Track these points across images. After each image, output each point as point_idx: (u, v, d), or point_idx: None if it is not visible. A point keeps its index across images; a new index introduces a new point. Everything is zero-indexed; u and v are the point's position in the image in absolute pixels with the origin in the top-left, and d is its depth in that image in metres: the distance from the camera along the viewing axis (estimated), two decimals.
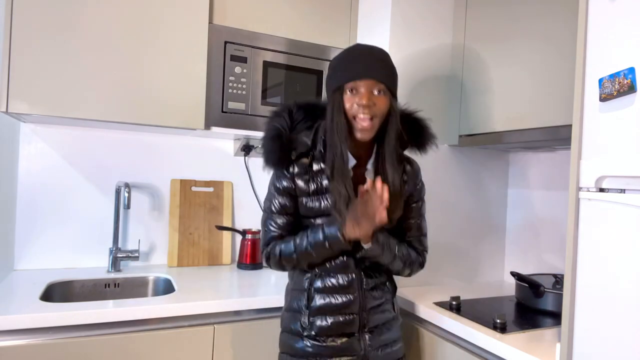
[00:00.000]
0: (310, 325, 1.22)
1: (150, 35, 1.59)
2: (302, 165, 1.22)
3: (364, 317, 1.24)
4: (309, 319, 1.23)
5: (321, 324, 1.22)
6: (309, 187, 1.21)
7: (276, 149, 1.19)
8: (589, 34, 1.00)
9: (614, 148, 0.93)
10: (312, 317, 1.23)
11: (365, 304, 1.24)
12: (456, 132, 1.76)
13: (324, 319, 1.22)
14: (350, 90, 1.14)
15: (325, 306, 1.22)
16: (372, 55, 1.16)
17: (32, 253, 1.75)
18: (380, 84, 1.14)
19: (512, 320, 1.38)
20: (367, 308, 1.24)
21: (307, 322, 1.23)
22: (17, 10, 1.42)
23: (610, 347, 0.92)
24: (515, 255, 1.93)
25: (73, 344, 1.25)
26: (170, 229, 1.93)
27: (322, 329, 1.21)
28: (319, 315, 1.22)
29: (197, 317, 1.41)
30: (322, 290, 1.23)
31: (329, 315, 1.22)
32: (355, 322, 1.23)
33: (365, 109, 1.12)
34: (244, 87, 1.73)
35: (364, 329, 1.24)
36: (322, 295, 1.23)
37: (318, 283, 1.23)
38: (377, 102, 1.14)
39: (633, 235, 0.89)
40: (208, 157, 2.04)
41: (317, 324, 1.22)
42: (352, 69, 1.14)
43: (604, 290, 0.94)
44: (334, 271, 1.23)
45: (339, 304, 1.22)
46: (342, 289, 1.23)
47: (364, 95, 1.12)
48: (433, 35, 1.78)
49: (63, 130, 1.79)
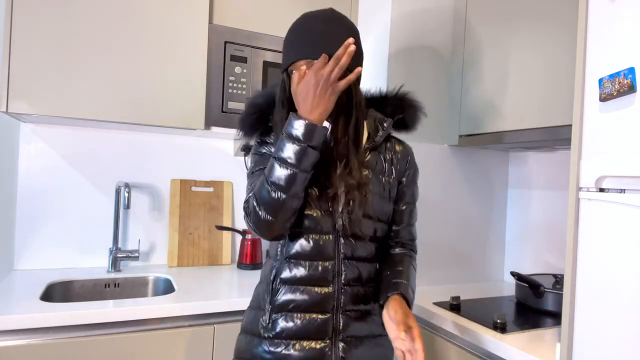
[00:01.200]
0: (272, 324, 1.04)
1: (151, 35, 1.59)
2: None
3: (338, 319, 1.04)
4: (270, 317, 1.04)
5: (285, 324, 1.03)
6: None
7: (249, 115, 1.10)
8: (589, 34, 1.00)
9: (614, 148, 0.93)
10: (274, 315, 1.04)
11: (343, 303, 1.04)
12: (456, 132, 1.76)
13: (288, 318, 1.03)
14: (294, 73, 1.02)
15: (291, 301, 1.03)
16: (318, 29, 1.01)
17: (32, 253, 1.75)
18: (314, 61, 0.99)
19: (512, 320, 1.38)
20: (344, 309, 1.05)
21: (268, 320, 1.04)
22: (17, 10, 1.42)
23: (610, 347, 0.92)
24: (515, 255, 1.93)
25: (73, 344, 1.25)
26: (170, 229, 1.93)
27: (284, 330, 1.03)
28: (283, 312, 1.03)
29: (197, 317, 1.41)
30: (289, 282, 1.04)
31: (295, 313, 1.03)
32: (327, 324, 1.03)
33: None
34: (244, 87, 1.73)
35: (337, 336, 1.04)
36: (288, 287, 1.04)
37: (285, 272, 1.05)
38: None
39: (633, 235, 0.89)
40: (208, 157, 2.04)
41: (279, 323, 1.03)
42: (294, 48, 1.03)
43: (604, 290, 0.94)
44: (305, 257, 1.04)
45: (308, 300, 1.03)
46: (314, 280, 1.04)
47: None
48: (433, 36, 1.78)
49: (63, 130, 1.79)
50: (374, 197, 1.08)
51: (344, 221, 1.05)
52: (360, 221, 1.06)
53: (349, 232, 1.06)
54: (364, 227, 1.07)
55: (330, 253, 1.05)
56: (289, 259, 1.06)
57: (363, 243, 1.08)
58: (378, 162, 1.11)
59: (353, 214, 1.05)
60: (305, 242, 1.05)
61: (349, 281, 1.06)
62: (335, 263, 1.05)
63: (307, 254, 1.05)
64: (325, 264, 1.04)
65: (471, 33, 1.73)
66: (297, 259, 1.05)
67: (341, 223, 1.05)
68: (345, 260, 1.06)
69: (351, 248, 1.06)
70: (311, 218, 1.04)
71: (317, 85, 0.94)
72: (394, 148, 1.16)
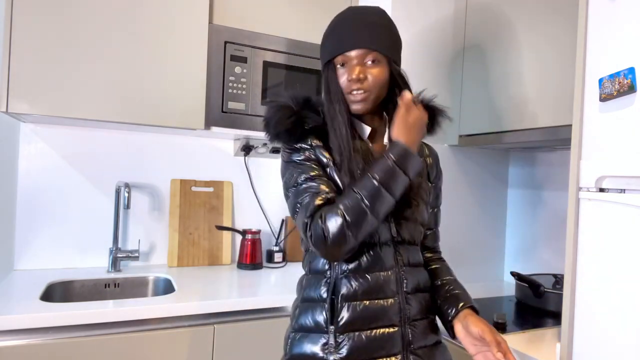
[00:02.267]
0: (337, 345, 0.94)
1: (151, 35, 1.59)
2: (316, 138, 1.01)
3: (407, 331, 0.98)
4: (335, 339, 0.94)
5: (354, 344, 0.94)
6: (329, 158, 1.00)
7: (285, 119, 0.99)
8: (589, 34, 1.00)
9: (614, 148, 0.93)
10: (340, 336, 0.95)
11: (409, 313, 0.99)
12: (456, 132, 1.76)
13: (356, 337, 0.94)
14: (342, 65, 1.00)
15: (357, 318, 0.95)
16: (363, 20, 1.00)
17: (32, 253, 1.75)
18: (374, 52, 0.98)
19: (512, 320, 1.38)
20: (410, 319, 0.99)
21: (334, 342, 0.94)
22: (17, 10, 1.42)
23: (610, 347, 0.92)
24: (515, 255, 1.93)
25: (73, 344, 1.25)
26: (170, 229, 1.93)
27: (353, 350, 0.94)
28: (349, 332, 0.95)
29: (197, 317, 1.41)
30: (351, 298, 0.96)
31: (362, 331, 0.95)
32: (397, 337, 0.96)
33: (356, 84, 0.98)
34: (244, 87, 1.73)
35: (408, 348, 0.97)
36: (351, 304, 0.96)
37: (344, 288, 0.96)
38: (371, 73, 0.99)
39: (633, 235, 0.89)
40: (208, 157, 2.04)
41: (346, 344, 0.94)
42: (339, 40, 1.00)
43: (604, 290, 0.94)
44: (365, 269, 0.97)
45: (373, 312, 0.95)
46: (378, 292, 0.97)
47: (353, 69, 0.98)
48: (434, 37, 1.78)
49: (63, 130, 1.79)
50: (422, 201, 1.06)
51: (397, 227, 1.01)
52: (411, 226, 1.03)
53: (401, 237, 1.01)
54: (415, 232, 1.04)
55: (390, 262, 0.99)
56: (347, 273, 0.97)
57: (414, 248, 1.05)
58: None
59: (403, 220, 1.01)
60: (363, 253, 0.98)
61: (412, 289, 1.01)
62: (396, 271, 0.99)
63: (366, 266, 0.97)
64: (386, 274, 0.98)
65: (471, 33, 1.73)
66: (355, 273, 0.97)
67: (395, 229, 1.00)
68: (404, 268, 1.01)
69: (407, 254, 1.02)
70: None
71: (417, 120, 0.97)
72: (425, 151, 1.16)
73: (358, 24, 1.00)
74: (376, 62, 1.00)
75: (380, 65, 1.00)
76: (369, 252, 0.98)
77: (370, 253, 0.98)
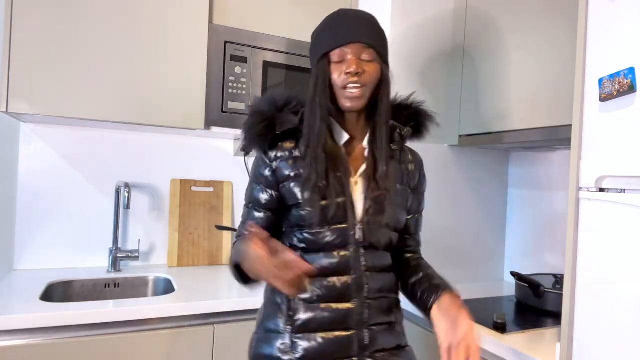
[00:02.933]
0: (293, 346, 0.97)
1: (150, 35, 1.59)
2: (286, 149, 1.04)
3: (364, 335, 1.00)
4: (291, 340, 0.98)
5: (308, 344, 0.97)
6: (293, 169, 1.02)
7: (256, 124, 1.02)
8: (589, 34, 1.00)
9: (614, 148, 0.93)
10: (295, 337, 0.98)
11: (367, 317, 1.00)
12: (456, 132, 1.77)
13: (311, 339, 0.97)
14: (337, 59, 1.00)
15: (312, 320, 0.98)
16: (359, 18, 1.01)
17: (32, 253, 1.75)
18: (370, 48, 0.99)
19: (512, 320, 1.38)
20: (369, 323, 1.00)
21: (290, 342, 0.98)
22: (17, 10, 1.42)
23: (610, 347, 0.92)
24: (515, 255, 1.93)
25: (73, 344, 1.25)
26: (170, 229, 1.93)
27: (308, 352, 0.96)
28: (305, 333, 0.98)
29: (197, 317, 1.41)
30: (308, 300, 0.99)
31: (318, 333, 0.98)
32: (352, 341, 0.99)
33: (354, 77, 0.98)
34: (244, 87, 1.73)
35: (363, 352, 0.99)
36: (307, 306, 0.99)
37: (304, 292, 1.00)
38: (367, 69, 0.99)
39: (633, 235, 0.89)
40: (208, 157, 2.04)
41: (301, 345, 0.97)
42: (338, 34, 1.00)
43: (604, 290, 0.94)
44: (326, 274, 0.99)
45: (329, 316, 0.98)
46: (335, 296, 0.99)
47: (352, 62, 0.98)
48: (433, 35, 1.78)
49: (63, 130, 1.79)
50: (392, 206, 1.05)
51: (363, 231, 1.01)
52: (379, 230, 1.03)
53: (367, 242, 1.02)
54: (382, 237, 1.04)
55: (352, 266, 1.00)
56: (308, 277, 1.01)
57: (382, 253, 1.06)
58: (396, 171, 1.09)
59: (371, 224, 1.01)
60: (325, 259, 1.00)
61: (373, 294, 1.01)
62: (357, 276, 1.00)
63: (327, 271, 0.99)
64: (345, 278, 1.00)
65: (471, 33, 1.73)
66: (315, 276, 0.99)
67: (361, 234, 1.01)
68: (367, 272, 1.01)
69: (372, 259, 1.03)
70: (328, 233, 1.00)
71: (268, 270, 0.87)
72: (408, 157, 1.14)
73: (355, 20, 1.01)
74: (370, 60, 1.00)
75: (374, 63, 1.01)
76: (331, 256, 1.00)
77: (330, 259, 1.00)
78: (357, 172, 1.05)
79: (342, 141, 1.05)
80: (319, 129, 1.00)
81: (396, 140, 1.08)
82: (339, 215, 0.99)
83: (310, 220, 0.99)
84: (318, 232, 1.00)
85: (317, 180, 0.98)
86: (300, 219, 1.01)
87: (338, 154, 1.03)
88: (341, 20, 1.01)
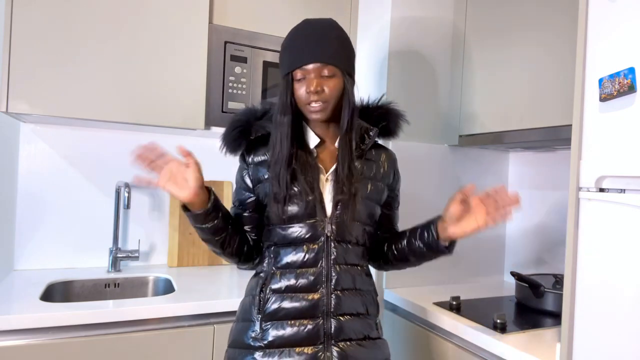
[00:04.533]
0: (262, 334, 1.04)
1: (151, 35, 1.59)
2: (261, 154, 1.13)
3: (330, 324, 1.05)
4: (261, 327, 1.05)
5: (276, 332, 1.04)
6: (265, 174, 1.11)
7: (231, 130, 1.14)
8: (589, 34, 1.00)
9: (614, 148, 0.93)
10: (264, 325, 1.05)
11: (334, 308, 1.06)
12: (456, 132, 1.77)
13: (279, 326, 1.04)
14: (300, 76, 1.06)
15: (281, 309, 1.05)
16: (318, 35, 1.07)
17: (32, 253, 1.75)
18: (329, 65, 1.05)
19: (512, 320, 1.38)
20: (336, 313, 1.06)
21: (259, 330, 1.05)
22: (17, 10, 1.42)
23: (610, 347, 0.92)
24: (515, 255, 1.93)
25: (73, 344, 1.25)
26: (170, 229, 1.93)
27: (276, 339, 1.03)
28: (274, 321, 1.05)
29: (197, 317, 1.41)
30: (278, 290, 1.07)
31: (285, 321, 1.04)
32: (319, 329, 1.04)
33: (314, 96, 1.05)
34: (244, 87, 1.73)
35: (329, 341, 1.04)
36: (278, 295, 1.06)
37: (274, 282, 1.07)
38: (328, 86, 1.06)
39: (633, 235, 0.89)
40: (208, 157, 2.04)
41: (270, 332, 1.04)
42: (297, 53, 1.06)
43: (604, 290, 0.94)
44: (295, 266, 1.07)
45: (298, 307, 1.05)
46: (303, 287, 1.06)
47: (311, 82, 1.05)
48: (433, 36, 1.78)
49: (63, 130, 1.79)
50: (363, 201, 1.12)
51: (334, 226, 1.08)
52: (350, 225, 1.09)
53: (338, 236, 1.08)
54: (354, 231, 1.11)
55: (320, 259, 1.07)
56: (279, 269, 1.09)
57: (353, 247, 1.12)
58: (367, 168, 1.15)
59: (341, 219, 1.08)
60: (294, 251, 1.08)
61: (340, 285, 1.08)
62: (325, 268, 1.07)
63: (297, 264, 1.07)
64: (314, 270, 1.07)
65: (471, 33, 1.73)
66: (286, 269, 1.08)
67: (331, 228, 1.08)
68: (335, 265, 1.08)
69: (342, 252, 1.09)
70: (298, 229, 1.08)
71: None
72: (381, 155, 1.21)
73: (313, 39, 1.07)
74: (331, 75, 1.07)
75: (335, 77, 1.07)
76: (299, 252, 1.08)
77: (300, 252, 1.08)
78: (327, 171, 1.12)
79: (313, 144, 1.13)
80: (285, 141, 1.08)
81: (366, 141, 1.16)
82: (309, 212, 1.07)
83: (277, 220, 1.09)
84: (288, 226, 1.08)
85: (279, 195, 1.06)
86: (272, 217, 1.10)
87: (307, 157, 1.11)
88: (303, 39, 1.07)
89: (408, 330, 1.54)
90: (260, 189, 1.12)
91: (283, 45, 1.12)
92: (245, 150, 1.15)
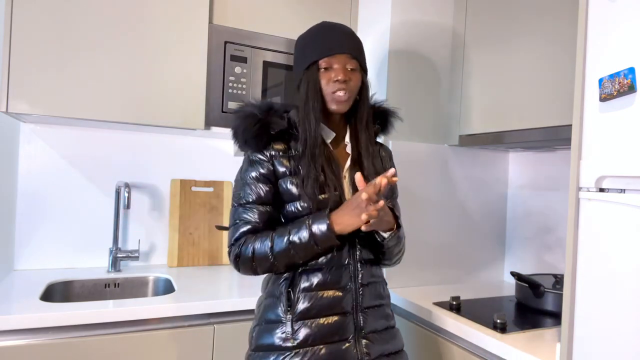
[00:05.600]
0: (294, 333, 1.04)
1: (151, 35, 1.59)
2: (278, 149, 1.11)
3: (359, 318, 1.08)
4: (292, 326, 1.04)
5: (309, 331, 1.04)
6: (288, 167, 1.10)
7: (251, 126, 1.09)
8: (589, 34, 1.00)
9: (614, 148, 0.93)
10: (296, 324, 1.05)
11: (361, 302, 1.09)
12: (456, 132, 1.76)
13: (311, 325, 1.04)
14: (325, 66, 1.10)
15: (312, 308, 1.05)
16: (342, 31, 1.13)
17: (32, 253, 1.75)
18: (353, 60, 1.11)
19: (512, 320, 1.38)
20: (363, 307, 1.09)
21: (291, 330, 1.04)
22: (17, 10, 1.42)
23: (610, 347, 0.92)
24: (515, 255, 1.93)
25: (73, 344, 1.25)
26: (170, 229, 1.93)
27: (308, 337, 1.03)
28: (305, 320, 1.05)
29: (197, 317, 1.41)
30: (307, 289, 1.06)
31: (317, 319, 1.05)
32: (349, 323, 1.07)
33: (342, 84, 1.08)
34: (244, 87, 1.73)
35: (360, 333, 1.07)
36: (307, 295, 1.06)
37: (303, 282, 1.07)
38: (352, 78, 1.11)
39: (633, 235, 0.89)
40: (208, 157, 2.04)
41: (302, 331, 1.04)
42: (325, 44, 1.10)
43: (604, 290, 0.94)
44: (322, 265, 1.07)
45: (327, 302, 1.05)
46: (333, 284, 1.07)
47: (340, 71, 1.09)
48: (433, 36, 1.78)
49: (63, 130, 1.79)
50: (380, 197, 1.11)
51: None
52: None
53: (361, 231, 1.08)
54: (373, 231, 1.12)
55: (347, 257, 1.10)
56: (305, 270, 1.08)
57: (370, 241, 1.14)
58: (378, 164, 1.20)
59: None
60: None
61: (366, 280, 1.11)
62: (352, 264, 1.10)
63: (324, 263, 1.08)
64: (342, 268, 1.09)
65: (471, 33, 1.73)
66: (312, 268, 1.08)
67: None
68: (361, 260, 1.11)
69: (366, 250, 1.13)
70: None
71: (355, 204, 1.01)
72: (380, 151, 1.27)
73: (339, 32, 1.12)
74: (354, 69, 1.12)
75: (357, 72, 1.13)
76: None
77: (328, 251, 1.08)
78: (344, 167, 1.15)
79: (329, 139, 1.16)
80: (314, 129, 1.09)
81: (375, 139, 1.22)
82: (336, 207, 1.07)
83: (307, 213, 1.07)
84: None
85: (317, 176, 1.07)
86: (297, 214, 1.09)
87: (329, 151, 1.14)
88: (328, 32, 1.12)
89: (408, 330, 1.53)
90: (282, 184, 1.10)
91: (304, 39, 1.15)
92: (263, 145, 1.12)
